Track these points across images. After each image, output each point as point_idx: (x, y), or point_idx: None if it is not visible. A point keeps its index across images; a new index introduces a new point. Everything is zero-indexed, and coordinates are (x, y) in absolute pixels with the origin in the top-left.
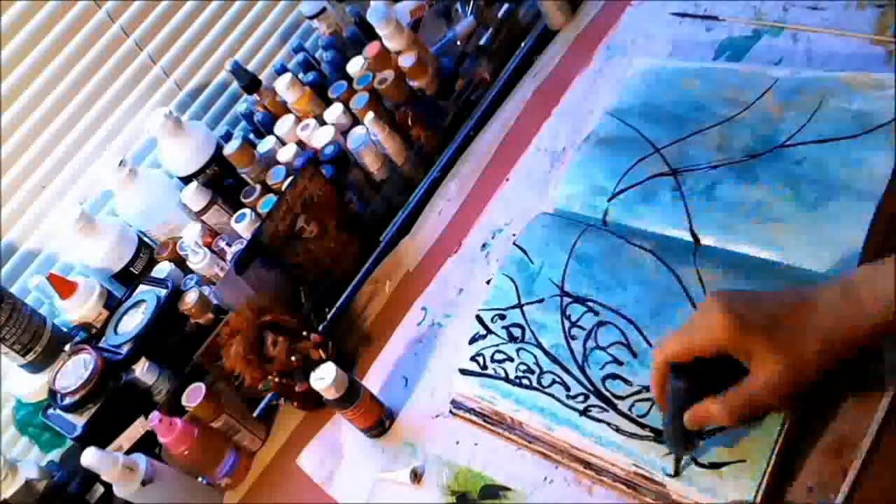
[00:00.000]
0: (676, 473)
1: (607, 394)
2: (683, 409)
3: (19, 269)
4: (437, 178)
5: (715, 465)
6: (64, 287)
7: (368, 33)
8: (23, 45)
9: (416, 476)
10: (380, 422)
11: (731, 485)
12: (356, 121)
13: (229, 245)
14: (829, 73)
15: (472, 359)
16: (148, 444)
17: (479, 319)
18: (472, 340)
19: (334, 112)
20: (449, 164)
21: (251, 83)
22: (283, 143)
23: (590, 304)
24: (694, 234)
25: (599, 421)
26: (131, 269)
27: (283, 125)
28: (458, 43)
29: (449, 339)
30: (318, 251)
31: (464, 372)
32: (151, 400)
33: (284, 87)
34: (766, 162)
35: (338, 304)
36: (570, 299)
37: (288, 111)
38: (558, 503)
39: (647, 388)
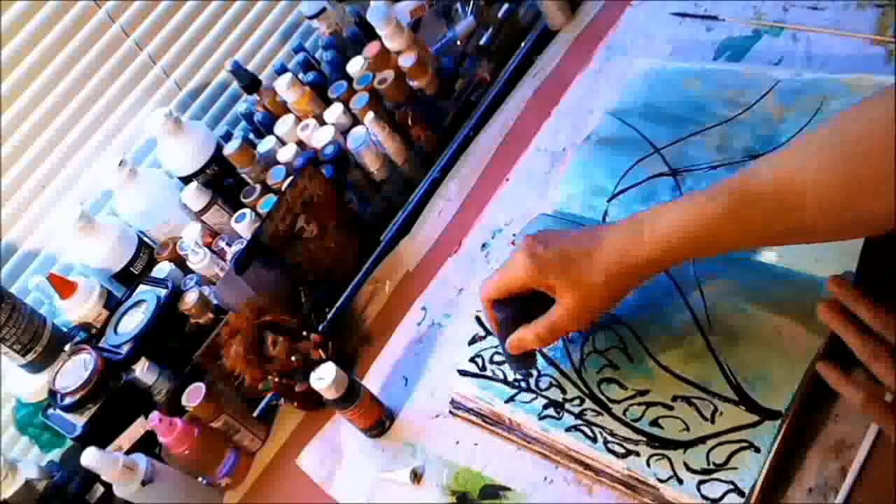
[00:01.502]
0: (527, 378)
1: (602, 398)
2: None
3: (19, 269)
4: (437, 178)
5: (707, 471)
6: (64, 287)
7: (368, 33)
8: (23, 45)
9: (416, 476)
10: (380, 422)
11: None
12: (356, 121)
13: (229, 245)
14: (829, 75)
15: (472, 360)
16: (148, 444)
17: (479, 321)
18: (472, 342)
19: (334, 112)
20: (449, 164)
21: (251, 83)
22: (283, 143)
23: None
24: None
25: (594, 425)
26: (131, 269)
27: (283, 125)
28: (458, 43)
29: (449, 339)
30: (318, 251)
31: (463, 373)
32: (151, 400)
33: (284, 87)
34: None
35: (338, 304)
36: None
37: (288, 111)
38: (558, 503)
39: (641, 393)
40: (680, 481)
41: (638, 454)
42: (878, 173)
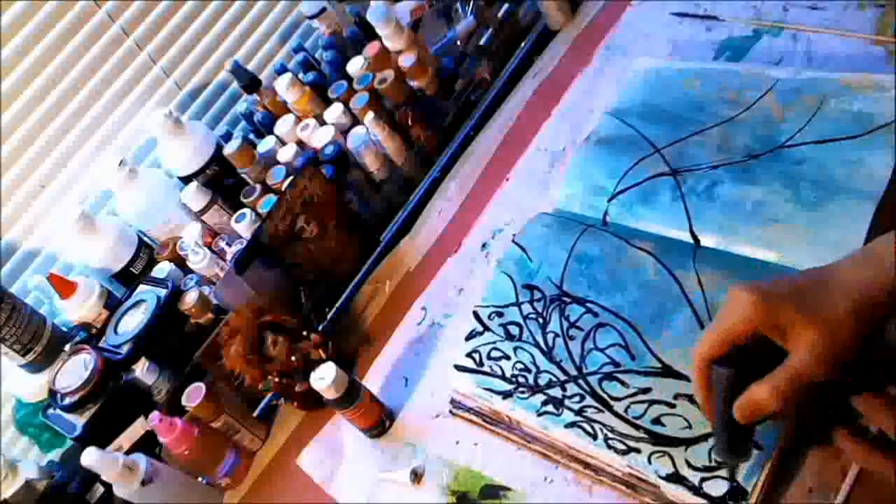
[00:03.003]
0: (732, 477)
1: (603, 395)
2: (733, 402)
3: (19, 269)
4: (437, 178)
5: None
6: (64, 287)
7: (368, 33)
8: (23, 45)
9: (416, 476)
10: (380, 422)
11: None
12: (356, 121)
13: (229, 245)
14: (829, 75)
15: (468, 355)
16: (148, 444)
17: (477, 316)
18: (469, 337)
19: (334, 112)
20: (449, 164)
21: (251, 83)
22: (283, 143)
23: (589, 304)
24: (694, 235)
25: (594, 422)
26: (131, 269)
27: (283, 125)
28: (458, 43)
29: (449, 339)
30: (318, 251)
31: (459, 368)
32: (151, 400)
33: (284, 87)
34: (766, 162)
35: (338, 304)
36: (568, 299)
37: (288, 111)
38: (558, 503)
39: (643, 391)
40: (682, 478)
41: (639, 451)
42: None
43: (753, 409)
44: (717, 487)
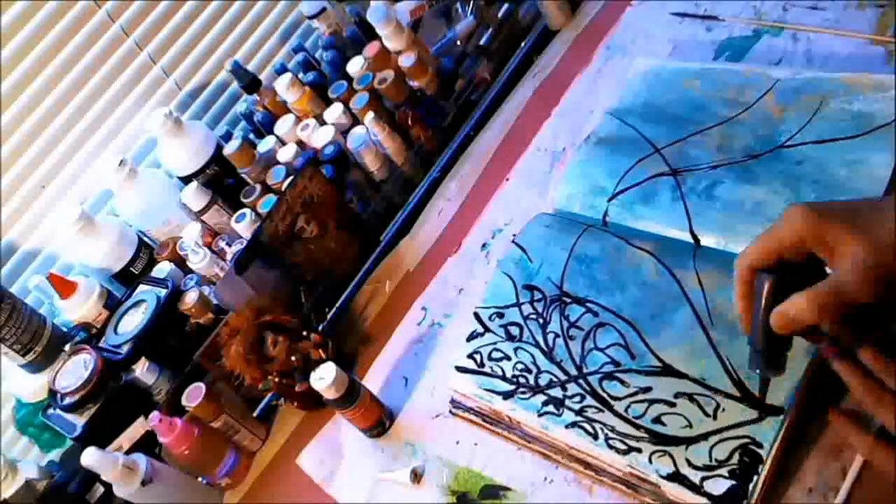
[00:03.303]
0: (763, 395)
1: (604, 395)
2: (771, 311)
3: (19, 269)
4: (437, 178)
5: (709, 468)
6: (64, 287)
7: (368, 33)
8: (23, 45)
9: (416, 476)
10: (380, 422)
11: None
12: (356, 121)
13: (229, 245)
14: (829, 74)
15: (470, 356)
16: (148, 444)
17: (477, 317)
18: (470, 338)
19: (334, 112)
20: (449, 164)
21: (251, 83)
22: (283, 143)
23: (589, 304)
24: (694, 235)
25: (595, 422)
26: (131, 269)
27: (283, 125)
28: (458, 43)
29: (449, 339)
30: (318, 251)
31: (460, 369)
32: (151, 400)
33: (284, 87)
34: (766, 162)
35: (338, 304)
36: (569, 299)
37: (288, 111)
38: (558, 503)
39: (643, 391)
40: (682, 477)
41: (640, 451)
42: None
43: (792, 318)
44: (718, 486)
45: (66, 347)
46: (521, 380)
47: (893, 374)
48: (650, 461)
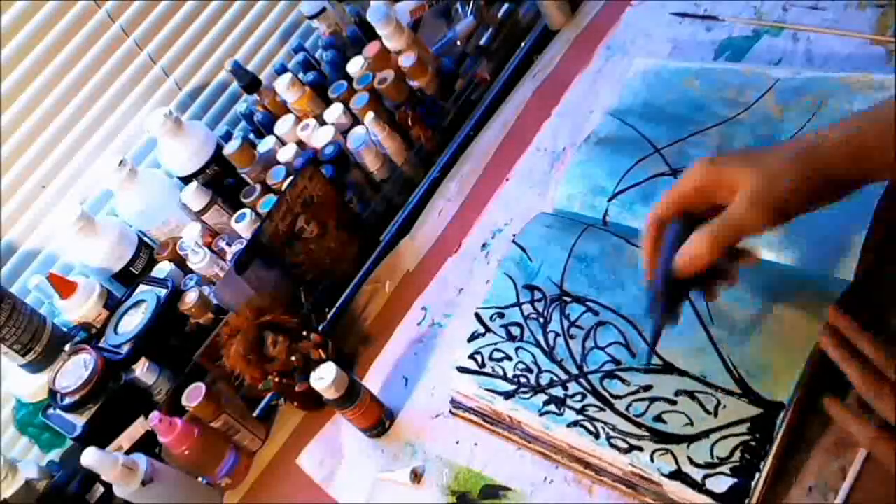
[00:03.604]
0: (654, 344)
1: (605, 393)
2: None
3: (19, 269)
4: (437, 178)
5: (711, 465)
6: (64, 287)
7: (368, 33)
8: (23, 45)
9: (416, 476)
10: (380, 422)
11: None
12: (356, 121)
13: (229, 245)
14: (829, 74)
15: (471, 357)
16: (148, 444)
17: (478, 317)
18: (471, 338)
19: (334, 112)
20: (449, 164)
21: (251, 83)
22: (283, 143)
23: (589, 303)
24: None
25: (596, 421)
26: (131, 269)
27: (283, 125)
28: (458, 43)
29: (449, 339)
30: (318, 251)
31: (462, 370)
32: (151, 400)
33: (284, 87)
34: None
35: (338, 304)
36: (569, 299)
37: (288, 111)
38: (558, 503)
39: (644, 389)
40: (684, 476)
41: (641, 449)
42: None
43: (692, 259)
44: (720, 484)
45: (66, 347)
46: (522, 379)
47: (893, 364)
48: (652, 459)
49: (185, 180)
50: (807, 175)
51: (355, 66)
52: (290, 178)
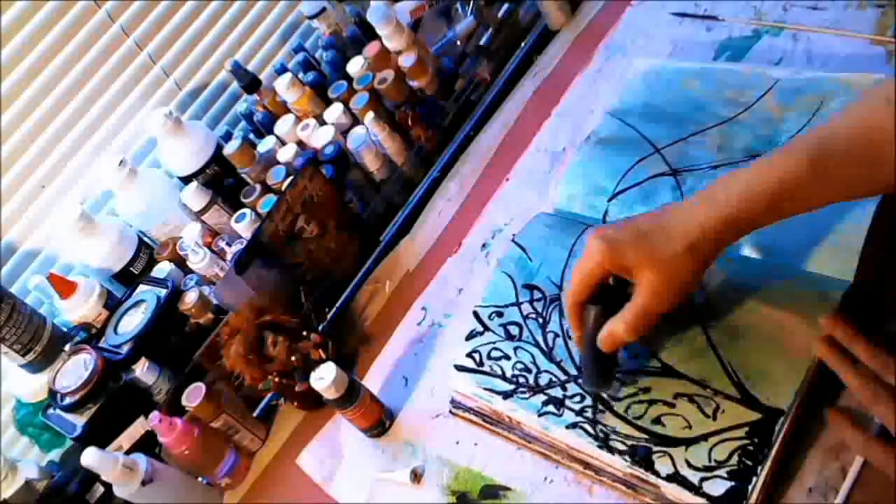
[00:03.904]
0: (594, 414)
1: (604, 395)
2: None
3: (19, 269)
4: (437, 178)
5: (709, 469)
6: (64, 287)
7: (368, 33)
8: (23, 45)
9: (416, 476)
10: (380, 422)
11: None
12: (356, 121)
13: (229, 245)
14: (829, 74)
15: (469, 355)
16: (148, 444)
17: (477, 316)
18: (469, 337)
19: (334, 112)
20: (449, 164)
21: (251, 83)
22: (283, 143)
23: None
24: None
25: (596, 422)
26: (131, 269)
27: (283, 125)
28: (458, 43)
29: (449, 339)
30: (318, 251)
31: (459, 368)
32: (151, 400)
33: (284, 87)
34: None
35: (338, 304)
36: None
37: (288, 111)
38: (558, 503)
39: (643, 391)
40: (682, 478)
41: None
42: None
43: (613, 339)
44: (717, 487)
45: (66, 347)
46: (521, 379)
47: (891, 371)
48: (651, 462)
49: (185, 180)
50: (699, 262)
51: (355, 66)
52: (290, 178)
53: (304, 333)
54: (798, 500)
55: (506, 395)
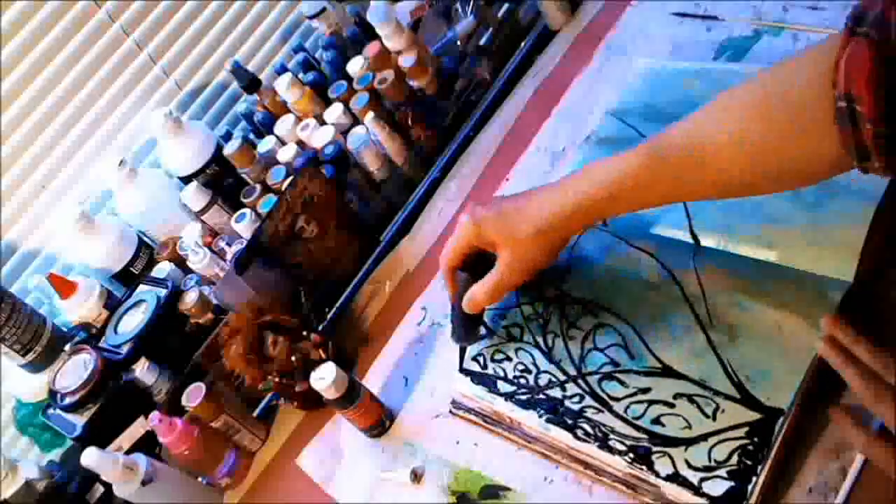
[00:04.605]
0: (461, 364)
1: (603, 395)
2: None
3: (19, 269)
4: (437, 178)
5: (709, 469)
6: (64, 287)
7: (368, 33)
8: (23, 45)
9: (416, 476)
10: (380, 422)
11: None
12: (356, 121)
13: (229, 245)
14: None
15: (474, 358)
16: (148, 444)
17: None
18: None
19: (334, 112)
20: (449, 164)
21: (251, 83)
22: (283, 143)
23: (588, 305)
24: (694, 235)
25: (594, 423)
26: (131, 269)
27: (283, 125)
28: (458, 43)
29: (449, 340)
30: (318, 251)
31: (465, 372)
32: (151, 400)
33: (284, 87)
34: None
35: (338, 304)
36: (568, 300)
37: (288, 111)
38: (558, 503)
39: (643, 391)
40: (681, 478)
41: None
42: (801, 124)
43: (473, 303)
44: (717, 487)
45: (66, 347)
46: (522, 381)
47: (892, 371)
48: (650, 462)
49: (185, 180)
50: (546, 244)
51: (355, 66)
52: (290, 178)
53: (304, 333)
54: (798, 500)
55: (507, 397)
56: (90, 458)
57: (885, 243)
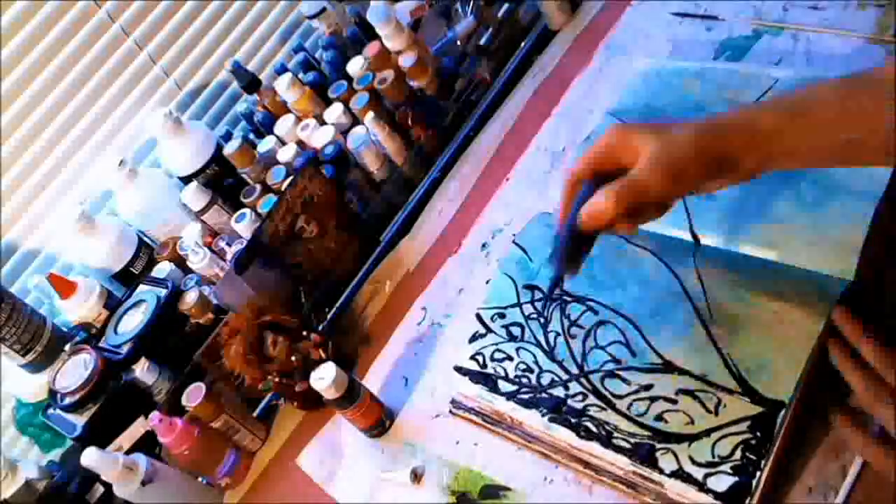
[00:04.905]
0: (551, 293)
1: (606, 393)
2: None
3: (19, 269)
4: (437, 178)
5: (712, 464)
6: (64, 287)
7: (368, 33)
8: (23, 45)
9: (416, 476)
10: (380, 422)
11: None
12: (356, 121)
13: (229, 245)
14: (829, 74)
15: (472, 357)
16: (148, 444)
17: (479, 318)
18: (472, 339)
19: (334, 112)
20: (449, 164)
21: (251, 83)
22: (283, 143)
23: (589, 303)
24: (694, 235)
25: (598, 421)
26: (131, 269)
27: (283, 125)
28: (458, 43)
29: (449, 339)
30: (318, 251)
31: (462, 371)
32: (151, 400)
33: (284, 87)
34: None
35: (338, 304)
36: (569, 298)
37: (288, 111)
38: (558, 503)
39: (645, 388)
40: (686, 475)
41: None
42: None
43: (596, 214)
44: (721, 483)
45: (66, 347)
46: (524, 380)
47: (892, 372)
48: (654, 459)
49: (185, 180)
50: (703, 148)
51: (355, 66)
52: (290, 178)
53: (304, 333)
54: (798, 499)
55: (509, 396)
56: (90, 458)
57: (886, 243)
